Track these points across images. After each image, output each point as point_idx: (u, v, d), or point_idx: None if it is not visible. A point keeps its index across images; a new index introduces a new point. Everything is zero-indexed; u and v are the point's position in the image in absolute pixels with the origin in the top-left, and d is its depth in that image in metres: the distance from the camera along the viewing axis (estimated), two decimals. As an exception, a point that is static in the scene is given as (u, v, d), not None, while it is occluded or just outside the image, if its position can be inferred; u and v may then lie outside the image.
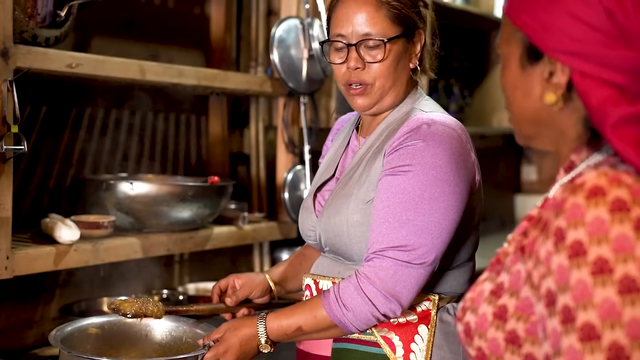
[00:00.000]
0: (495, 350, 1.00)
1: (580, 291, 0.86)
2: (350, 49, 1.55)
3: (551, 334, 0.89)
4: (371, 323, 1.49)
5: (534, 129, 1.05)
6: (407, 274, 1.45)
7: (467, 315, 1.06)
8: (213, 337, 1.55)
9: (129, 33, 2.61)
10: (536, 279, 0.94)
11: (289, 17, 2.64)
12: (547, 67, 0.99)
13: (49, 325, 2.25)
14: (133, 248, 2.15)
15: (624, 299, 0.84)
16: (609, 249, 0.86)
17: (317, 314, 1.49)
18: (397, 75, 1.57)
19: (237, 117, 3.02)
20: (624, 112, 0.91)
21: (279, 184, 2.73)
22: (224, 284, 1.80)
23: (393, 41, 1.55)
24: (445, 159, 1.47)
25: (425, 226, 1.45)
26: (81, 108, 2.45)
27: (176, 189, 2.22)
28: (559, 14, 0.95)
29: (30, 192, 2.28)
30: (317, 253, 1.77)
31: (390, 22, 1.55)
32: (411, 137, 1.49)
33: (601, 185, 0.89)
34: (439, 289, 1.57)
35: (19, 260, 1.83)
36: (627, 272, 0.85)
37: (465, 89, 4.51)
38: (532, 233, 1.00)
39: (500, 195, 4.80)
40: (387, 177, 1.49)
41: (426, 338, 1.53)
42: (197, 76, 2.33)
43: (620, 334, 0.83)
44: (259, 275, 1.82)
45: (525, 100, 1.03)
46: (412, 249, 1.45)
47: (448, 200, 1.47)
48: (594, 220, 0.87)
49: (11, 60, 1.77)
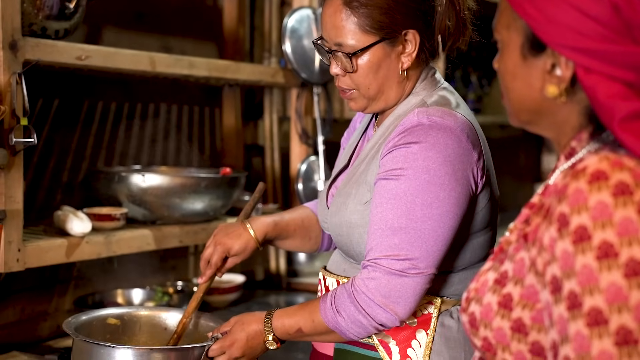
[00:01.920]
0: (501, 340, 0.99)
1: (586, 276, 0.85)
2: (331, 56, 1.50)
3: (558, 320, 0.88)
4: (370, 331, 1.44)
5: (532, 117, 1.04)
6: (402, 284, 1.39)
7: (471, 306, 1.05)
8: (222, 330, 1.55)
9: (141, 25, 2.61)
10: (540, 266, 0.93)
11: (301, 7, 2.63)
12: (549, 59, 0.97)
13: (63, 317, 2.26)
14: (145, 240, 2.15)
15: (630, 283, 0.83)
16: (613, 233, 0.85)
17: (315, 318, 1.47)
18: (381, 81, 1.49)
19: (251, 109, 3.02)
20: (634, 107, 0.90)
21: (293, 175, 2.72)
22: (217, 260, 1.68)
23: (366, 50, 1.46)
24: (439, 161, 1.38)
25: (418, 234, 1.38)
26: (93, 101, 2.45)
27: (188, 181, 2.22)
28: (564, 7, 0.93)
29: (44, 185, 2.29)
30: (315, 220, 1.74)
31: (360, 30, 1.44)
32: (404, 139, 1.41)
33: (603, 169, 0.88)
34: (442, 292, 1.50)
35: (31, 253, 1.83)
36: (633, 255, 0.84)
37: (483, 78, 4.47)
38: (534, 220, 0.99)
39: (520, 185, 4.76)
40: (380, 181, 1.43)
41: (424, 344, 1.47)
42: (208, 67, 2.32)
43: (628, 317, 0.83)
44: (249, 241, 1.67)
45: (526, 90, 1.01)
46: (405, 258, 1.39)
47: (443, 206, 1.39)
48: (597, 204, 0.86)
49: (20, 53, 1.77)
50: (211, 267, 1.66)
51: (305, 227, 1.74)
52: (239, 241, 1.65)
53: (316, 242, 1.77)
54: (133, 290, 2.37)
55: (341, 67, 1.48)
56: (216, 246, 1.65)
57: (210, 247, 1.66)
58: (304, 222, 1.75)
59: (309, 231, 1.75)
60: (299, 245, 1.76)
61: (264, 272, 2.99)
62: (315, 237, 1.76)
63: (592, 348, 0.84)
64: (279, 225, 1.70)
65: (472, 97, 4.29)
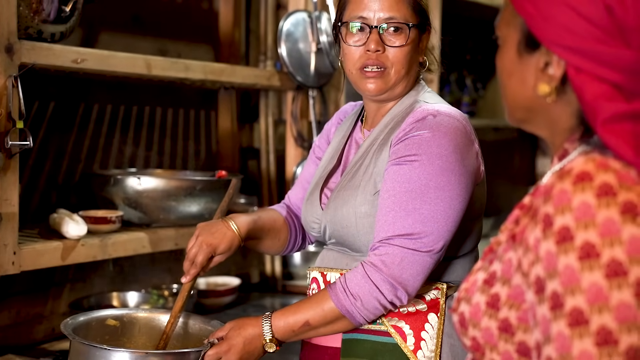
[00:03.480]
0: (489, 339, 1.00)
1: (568, 276, 0.85)
2: (372, 31, 1.56)
3: (541, 320, 0.89)
4: (378, 312, 1.49)
5: (526, 115, 1.05)
6: (414, 261, 1.46)
7: (461, 306, 1.06)
8: (218, 335, 1.55)
9: (137, 28, 2.62)
10: (526, 266, 0.94)
11: (297, 11, 2.63)
12: (543, 57, 0.98)
13: (58, 320, 2.26)
14: (141, 243, 2.15)
15: (611, 283, 0.84)
16: (595, 234, 0.85)
17: (325, 306, 1.49)
18: (411, 64, 1.59)
19: (246, 112, 3.02)
20: (619, 108, 0.91)
21: (289, 178, 2.72)
22: (203, 260, 1.65)
23: (412, 29, 1.57)
24: (451, 149, 1.48)
25: (431, 215, 1.46)
26: (89, 104, 2.46)
27: (184, 184, 2.22)
28: (560, 6, 0.94)
29: (39, 188, 2.29)
30: (283, 223, 1.77)
31: (411, 10, 1.57)
32: (417, 128, 1.50)
33: (588, 171, 0.88)
34: (446, 278, 1.58)
35: (26, 256, 1.84)
36: (614, 256, 0.84)
37: (478, 82, 4.48)
38: (523, 221, 0.99)
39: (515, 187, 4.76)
40: (393, 167, 1.50)
41: (436, 326, 1.54)
42: (204, 71, 2.33)
43: (608, 318, 0.83)
44: (233, 239, 1.65)
45: (520, 87, 1.02)
46: (418, 237, 1.46)
47: (454, 189, 1.48)
48: (581, 205, 0.87)
49: (16, 56, 1.77)
50: (196, 266, 1.64)
51: (276, 229, 1.77)
52: (225, 240, 1.65)
53: (283, 244, 1.80)
54: (128, 293, 2.38)
55: (389, 41, 1.56)
56: (202, 246, 1.64)
57: (195, 247, 1.64)
58: (275, 224, 1.78)
59: (279, 233, 1.78)
60: (268, 246, 1.79)
61: (259, 274, 2.99)
62: (283, 239, 1.79)
63: (573, 348, 0.84)
64: (257, 224, 1.71)
65: (467, 100, 4.30)
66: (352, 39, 1.59)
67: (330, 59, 2.61)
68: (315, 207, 1.67)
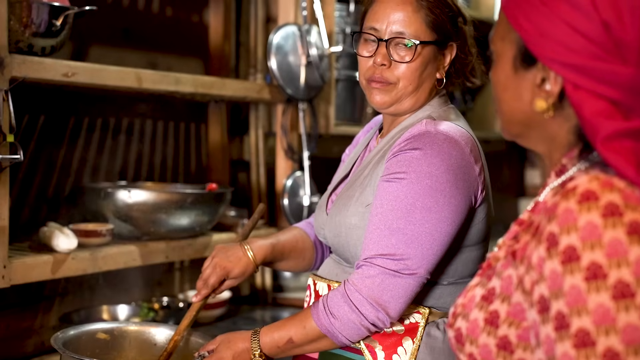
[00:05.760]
0: (486, 356, 0.99)
1: (574, 297, 0.85)
2: (380, 44, 1.55)
3: (545, 340, 0.88)
4: (362, 333, 1.46)
5: (522, 130, 1.04)
6: (395, 284, 1.42)
7: (458, 321, 1.05)
8: (208, 348, 1.55)
9: (127, 41, 2.62)
10: (528, 285, 0.92)
11: (287, 24, 2.64)
12: (540, 73, 0.97)
13: (48, 334, 2.25)
14: (132, 256, 2.15)
15: (618, 305, 0.83)
16: (602, 254, 0.85)
17: (307, 324, 1.48)
18: (421, 81, 1.56)
19: (237, 124, 3.03)
20: (618, 126, 0.90)
21: (279, 191, 2.73)
22: (215, 282, 1.67)
23: (424, 46, 1.53)
24: (443, 169, 1.43)
25: (415, 236, 1.42)
26: (80, 117, 2.45)
27: (174, 197, 2.22)
28: (556, 22, 0.93)
29: (29, 201, 2.29)
30: (308, 241, 1.77)
31: (425, 26, 1.54)
32: (410, 144, 1.47)
33: (593, 190, 0.88)
34: (430, 303, 1.53)
35: (16, 269, 1.83)
36: (621, 277, 0.84)
37: (467, 94, 4.49)
38: (523, 237, 0.99)
39: (504, 200, 4.77)
40: (382, 183, 1.48)
41: (410, 351, 1.49)
42: (194, 84, 2.33)
43: (615, 339, 0.82)
44: (248, 265, 1.67)
45: (515, 102, 1.02)
46: (400, 258, 1.42)
47: (441, 211, 1.43)
48: (587, 225, 0.86)
49: (6, 70, 1.77)
50: (207, 287, 1.66)
51: (299, 248, 1.77)
52: (239, 265, 1.66)
53: (309, 262, 1.79)
54: (119, 306, 2.37)
55: (396, 56, 1.53)
56: (215, 268, 1.65)
57: (209, 268, 1.66)
58: (298, 244, 1.77)
59: (304, 251, 1.77)
60: (294, 266, 1.79)
61: (249, 287, 2.99)
62: (309, 258, 1.79)
63: None
64: (276, 248, 1.72)
65: (456, 112, 4.32)
66: (364, 50, 1.58)
67: (319, 72, 2.62)
68: (322, 213, 1.67)
